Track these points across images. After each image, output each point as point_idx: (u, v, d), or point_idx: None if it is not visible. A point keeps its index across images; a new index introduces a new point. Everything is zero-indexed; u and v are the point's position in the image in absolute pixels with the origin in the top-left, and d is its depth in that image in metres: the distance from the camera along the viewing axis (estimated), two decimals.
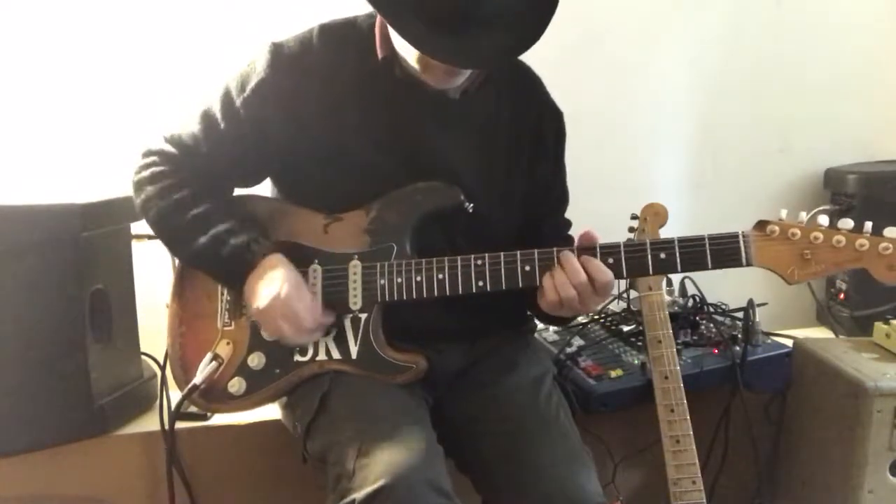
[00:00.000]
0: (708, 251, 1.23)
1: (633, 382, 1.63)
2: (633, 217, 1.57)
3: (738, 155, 2.23)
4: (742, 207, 2.18)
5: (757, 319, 1.75)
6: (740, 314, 1.79)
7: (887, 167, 2.10)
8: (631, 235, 1.56)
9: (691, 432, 1.45)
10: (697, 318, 1.81)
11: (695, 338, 1.76)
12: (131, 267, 1.66)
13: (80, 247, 1.47)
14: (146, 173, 1.34)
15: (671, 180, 2.20)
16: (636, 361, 1.69)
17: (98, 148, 1.83)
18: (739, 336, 1.75)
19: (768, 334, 1.83)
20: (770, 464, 1.82)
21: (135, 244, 1.66)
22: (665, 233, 1.52)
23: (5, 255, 1.41)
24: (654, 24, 2.13)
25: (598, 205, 1.74)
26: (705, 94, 2.18)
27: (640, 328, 1.74)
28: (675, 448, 1.46)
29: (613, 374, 1.65)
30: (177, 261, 1.45)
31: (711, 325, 1.79)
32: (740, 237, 1.22)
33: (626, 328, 1.84)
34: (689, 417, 1.46)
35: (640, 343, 1.76)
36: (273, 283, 1.27)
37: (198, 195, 1.32)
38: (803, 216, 1.22)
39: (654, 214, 1.53)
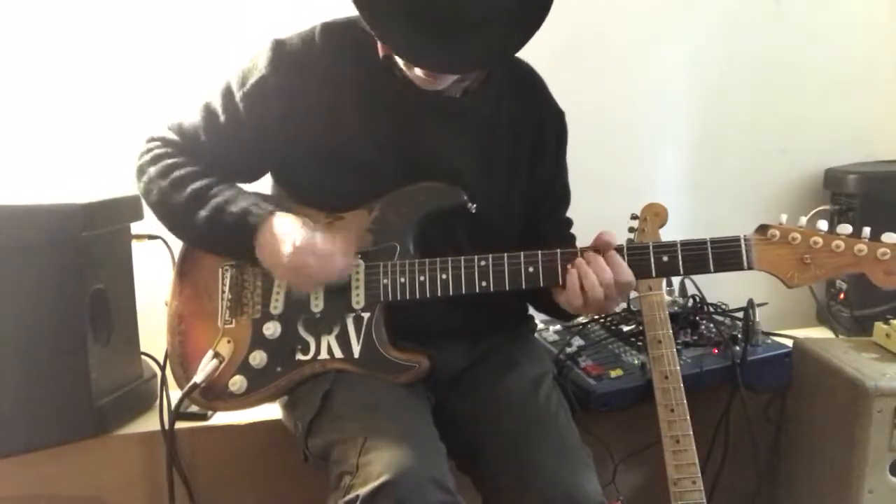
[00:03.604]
0: (710, 254, 1.23)
1: (633, 382, 1.64)
2: (633, 217, 1.57)
3: (738, 155, 2.23)
4: (742, 207, 2.18)
5: (757, 319, 1.75)
6: (740, 314, 1.79)
7: (887, 167, 2.10)
8: (631, 235, 1.56)
9: (691, 432, 1.46)
10: (697, 318, 1.81)
11: (695, 338, 1.76)
12: (131, 267, 1.66)
13: (80, 247, 1.46)
14: (148, 157, 1.36)
15: (671, 180, 2.20)
16: (636, 361, 1.69)
17: (98, 148, 1.83)
18: (739, 336, 1.75)
19: (768, 334, 1.83)
20: (770, 464, 1.83)
21: (135, 244, 1.65)
22: (665, 233, 1.53)
23: (5, 255, 1.41)
24: (655, 24, 2.13)
25: (598, 204, 1.73)
26: (705, 94, 2.18)
27: (640, 328, 1.74)
28: (675, 448, 1.46)
29: (613, 374, 1.65)
30: (177, 258, 1.44)
31: (711, 325, 1.79)
32: (742, 241, 1.23)
33: (626, 328, 1.83)
34: (689, 417, 1.46)
35: (640, 343, 1.76)
36: (287, 233, 1.26)
37: (198, 173, 1.33)
38: (803, 221, 1.22)
39: (654, 214, 1.54)
